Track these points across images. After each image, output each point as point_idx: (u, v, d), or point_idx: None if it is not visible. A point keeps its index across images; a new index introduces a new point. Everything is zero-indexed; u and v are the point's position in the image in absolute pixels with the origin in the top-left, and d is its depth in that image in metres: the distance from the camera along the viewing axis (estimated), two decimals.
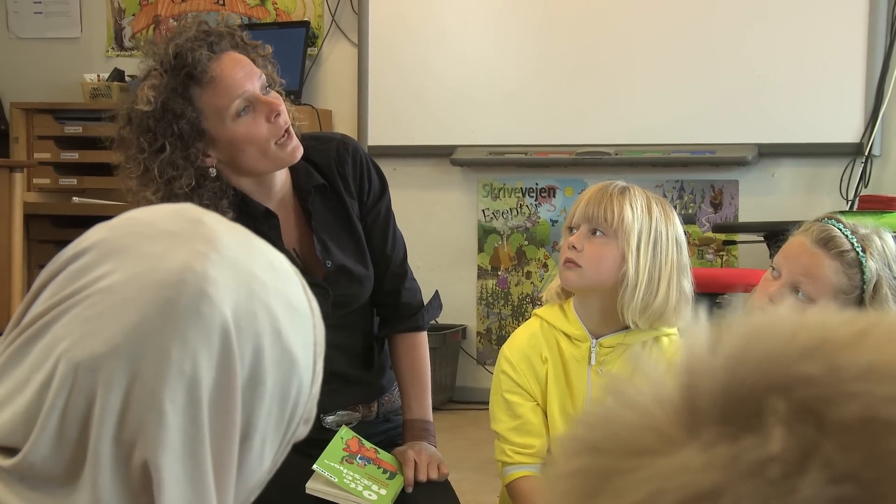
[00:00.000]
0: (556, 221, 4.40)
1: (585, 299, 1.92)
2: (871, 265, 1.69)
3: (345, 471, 1.80)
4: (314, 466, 1.78)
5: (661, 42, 4.19)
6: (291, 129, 1.85)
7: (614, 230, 1.84)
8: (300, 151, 1.85)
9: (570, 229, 1.89)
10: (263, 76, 1.83)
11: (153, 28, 5.00)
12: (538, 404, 1.92)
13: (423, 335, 2.05)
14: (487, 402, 1.98)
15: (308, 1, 4.76)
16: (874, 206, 3.64)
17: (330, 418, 1.97)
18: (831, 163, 4.05)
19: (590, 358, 1.91)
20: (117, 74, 4.75)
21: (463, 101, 4.38)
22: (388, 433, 2.02)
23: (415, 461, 1.89)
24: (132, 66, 4.92)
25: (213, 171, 1.83)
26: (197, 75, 1.76)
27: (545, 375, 1.92)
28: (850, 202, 3.97)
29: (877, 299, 1.69)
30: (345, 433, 1.86)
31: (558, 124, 4.31)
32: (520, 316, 4.47)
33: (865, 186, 4.00)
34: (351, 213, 1.97)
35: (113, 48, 5.06)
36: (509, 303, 4.54)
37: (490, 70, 4.39)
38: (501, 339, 4.35)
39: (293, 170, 1.94)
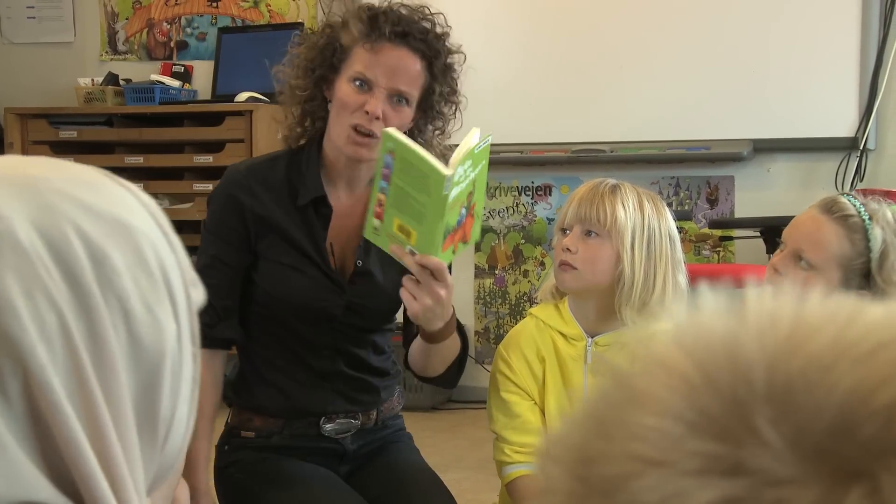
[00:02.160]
0: (553, 219, 4.40)
1: (581, 299, 1.92)
2: (877, 231, 1.65)
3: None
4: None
5: (654, 38, 4.19)
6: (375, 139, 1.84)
7: (608, 230, 1.83)
8: (360, 156, 1.86)
9: (563, 230, 1.89)
10: (409, 92, 1.86)
11: (147, 32, 5.00)
12: (536, 403, 1.92)
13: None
14: (486, 401, 1.98)
15: (301, 3, 4.76)
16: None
17: (329, 426, 1.97)
18: (826, 157, 4.06)
19: (585, 357, 1.91)
20: (111, 78, 4.75)
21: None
22: (384, 438, 2.02)
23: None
24: (126, 69, 4.92)
25: (330, 106, 1.90)
26: (368, 36, 1.84)
27: (542, 374, 1.92)
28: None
29: (884, 268, 1.65)
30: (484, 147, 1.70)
31: (553, 122, 4.31)
32: (517, 314, 4.48)
33: (861, 180, 4.00)
34: None
35: (107, 52, 5.05)
36: (507, 301, 4.54)
37: (484, 69, 4.37)
38: (499, 338, 4.34)
39: None
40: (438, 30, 1.90)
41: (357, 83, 1.84)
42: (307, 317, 1.92)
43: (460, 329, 1.94)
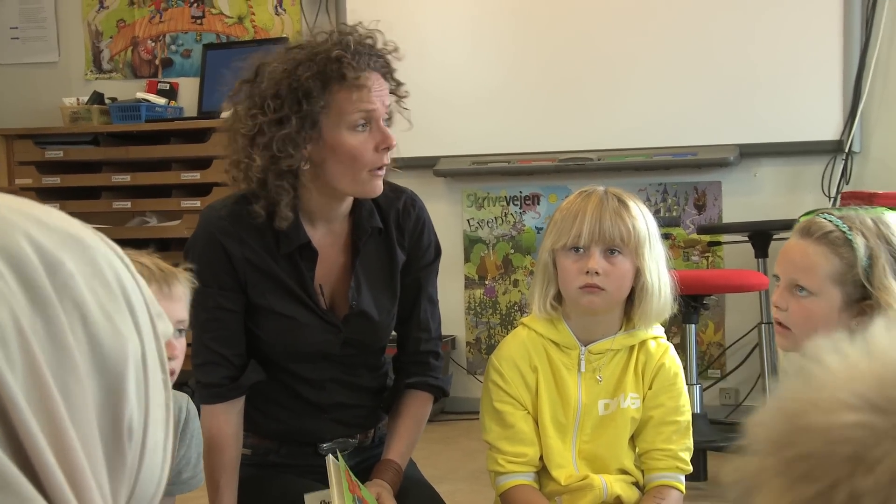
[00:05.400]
0: (542, 229, 4.40)
1: (597, 315, 1.91)
2: (860, 240, 1.66)
3: None
4: None
5: (640, 46, 4.21)
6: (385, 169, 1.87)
7: (630, 247, 1.83)
8: (379, 191, 1.87)
9: (575, 249, 1.85)
10: (390, 109, 1.88)
11: (131, 50, 4.99)
12: (529, 413, 1.92)
13: (431, 399, 2.05)
14: (479, 412, 1.98)
15: (286, 18, 4.77)
16: (856, 202, 3.65)
17: (326, 445, 1.96)
18: (812, 161, 4.07)
19: (579, 365, 1.91)
20: (97, 97, 4.74)
21: (444, 111, 4.38)
22: (381, 455, 2.02)
23: None
24: (112, 88, 4.91)
25: (305, 165, 1.83)
26: (347, 73, 1.78)
27: (535, 384, 1.91)
28: (832, 199, 3.99)
29: (874, 274, 1.64)
30: (340, 464, 1.82)
31: (540, 132, 4.32)
32: (508, 324, 4.47)
33: (847, 183, 4.02)
34: (397, 264, 1.96)
35: (91, 71, 5.05)
36: (497, 311, 4.54)
37: (470, 80, 4.40)
38: (491, 349, 4.34)
39: (357, 205, 1.93)
40: (370, 41, 1.88)
41: (360, 127, 1.82)
42: (304, 358, 1.92)
43: (438, 388, 2.02)
